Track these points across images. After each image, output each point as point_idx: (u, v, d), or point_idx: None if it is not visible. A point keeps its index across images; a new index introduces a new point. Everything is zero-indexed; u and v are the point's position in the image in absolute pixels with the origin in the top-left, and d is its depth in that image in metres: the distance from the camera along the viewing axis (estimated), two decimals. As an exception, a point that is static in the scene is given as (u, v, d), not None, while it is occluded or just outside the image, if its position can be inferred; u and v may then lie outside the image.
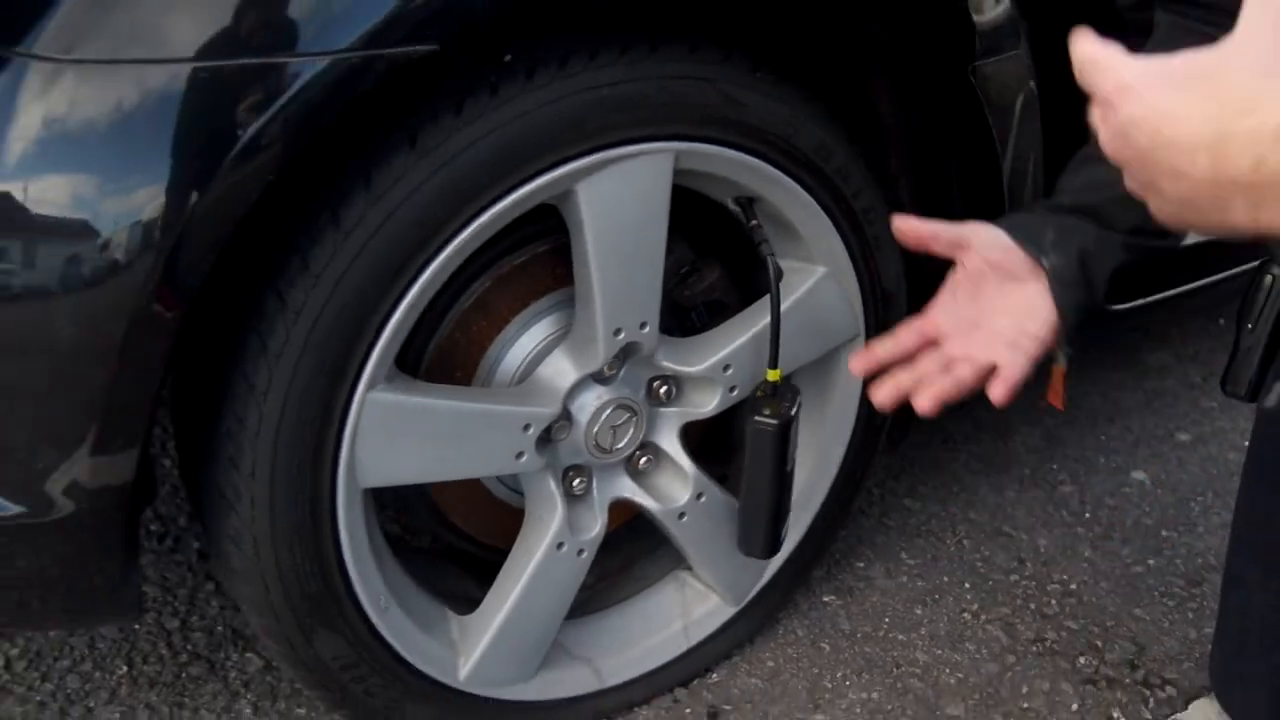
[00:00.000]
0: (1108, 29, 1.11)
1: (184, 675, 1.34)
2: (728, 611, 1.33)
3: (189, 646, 1.38)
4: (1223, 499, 1.65)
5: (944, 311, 1.04)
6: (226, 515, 0.98)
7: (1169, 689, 1.33)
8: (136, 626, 1.41)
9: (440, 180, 0.93)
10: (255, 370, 0.93)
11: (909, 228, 1.04)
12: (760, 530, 1.19)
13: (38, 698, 1.31)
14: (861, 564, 1.51)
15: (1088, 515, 1.62)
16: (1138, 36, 1.10)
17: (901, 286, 1.29)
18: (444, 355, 1.10)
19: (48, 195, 0.81)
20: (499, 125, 0.94)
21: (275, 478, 0.96)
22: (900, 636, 1.40)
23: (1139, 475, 1.71)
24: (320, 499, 0.99)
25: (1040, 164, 1.32)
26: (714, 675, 1.34)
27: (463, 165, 0.93)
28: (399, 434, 1.00)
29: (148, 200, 0.81)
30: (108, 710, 1.30)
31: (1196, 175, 0.57)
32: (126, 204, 0.81)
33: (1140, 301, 1.55)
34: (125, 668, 1.35)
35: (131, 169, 0.81)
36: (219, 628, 1.41)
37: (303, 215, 0.91)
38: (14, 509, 0.88)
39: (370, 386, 0.96)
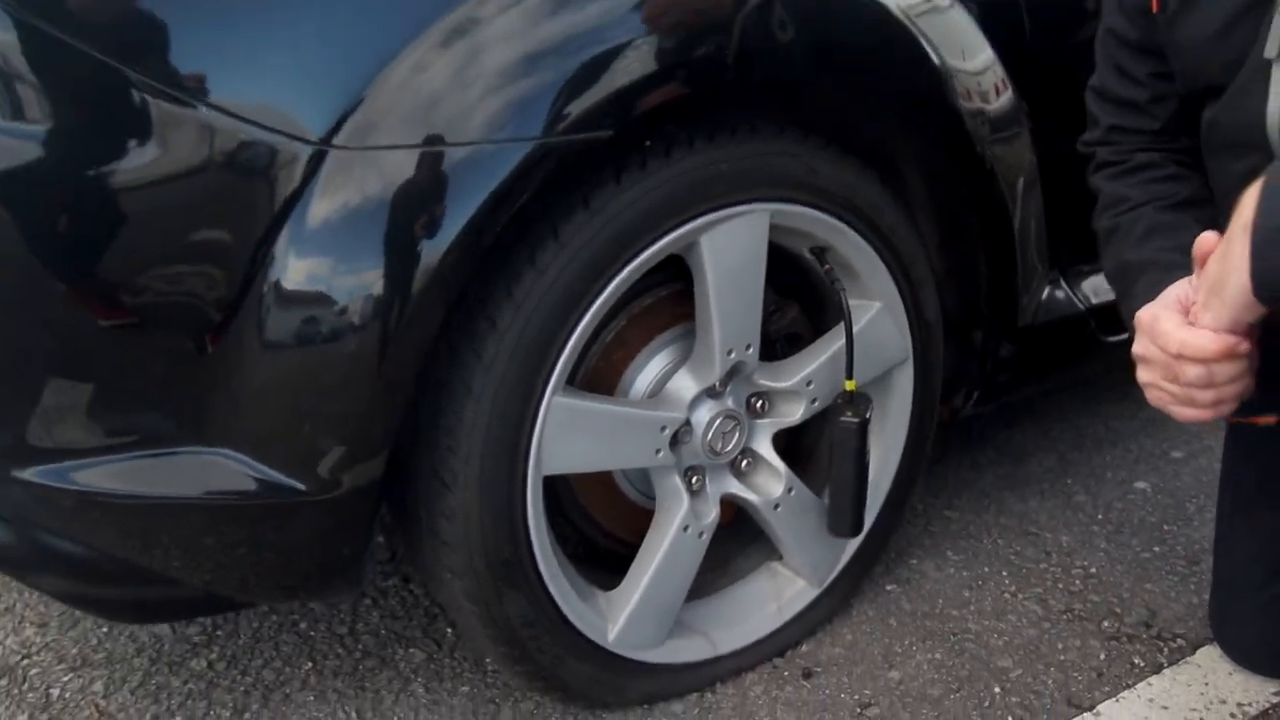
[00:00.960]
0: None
1: (360, 667, 1.61)
2: (812, 593, 1.60)
3: (360, 646, 1.65)
4: (1214, 500, 1.91)
5: None
6: (443, 495, 1.27)
7: (1179, 640, 1.60)
8: (312, 634, 1.68)
9: (606, 233, 1.24)
10: (472, 377, 1.23)
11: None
12: (847, 513, 1.48)
13: (242, 688, 1.58)
14: (914, 561, 1.80)
15: (1100, 517, 1.91)
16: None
17: (939, 319, 1.60)
18: (593, 377, 1.40)
19: (340, 262, 1.12)
20: (647, 191, 1.25)
21: (484, 464, 1.25)
22: (954, 612, 1.68)
23: (1141, 485, 2.00)
24: (515, 482, 1.28)
25: (1043, 223, 1.64)
26: (804, 646, 1.61)
27: (622, 222, 1.25)
28: (574, 431, 1.30)
29: (410, 259, 1.12)
30: (302, 694, 1.56)
31: None
32: (388, 266, 1.12)
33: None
34: (310, 664, 1.62)
35: (399, 235, 1.12)
36: (382, 631, 1.68)
37: (506, 257, 1.22)
38: (300, 487, 1.17)
39: (555, 392, 1.26)
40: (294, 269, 1.10)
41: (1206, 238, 1.11)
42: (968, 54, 1.48)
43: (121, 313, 1.11)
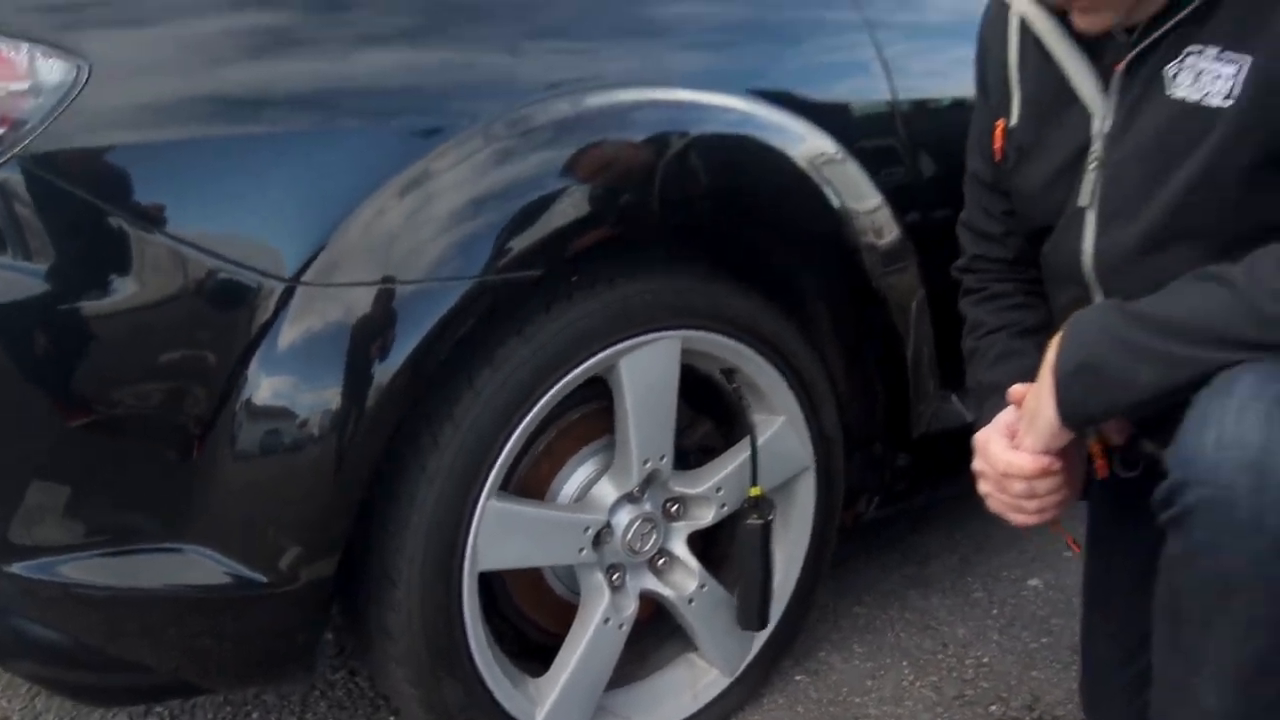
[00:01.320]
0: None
1: (308, 754, 1.74)
2: (724, 682, 1.76)
3: (308, 734, 1.78)
4: (1097, 597, 2.12)
5: None
6: (389, 591, 1.42)
7: (1057, 722, 1.78)
8: (264, 723, 1.81)
9: (537, 359, 1.42)
10: (416, 486, 1.39)
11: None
12: (753, 607, 1.64)
13: (197, 774, 1.70)
14: (822, 653, 1.96)
15: (995, 612, 2.09)
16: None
17: (839, 432, 1.79)
18: (525, 483, 1.57)
19: (303, 383, 1.29)
20: (573, 321, 1.44)
21: (425, 562, 1.41)
22: (857, 700, 1.84)
23: (1034, 582, 2.19)
24: (453, 578, 1.43)
25: (933, 346, 1.84)
26: (718, 732, 1.76)
27: (552, 348, 1.43)
28: (507, 532, 1.46)
29: (364, 382, 1.30)
30: (254, 779, 1.69)
31: None
32: (345, 388, 1.29)
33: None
34: (261, 751, 1.75)
35: (355, 360, 1.30)
36: (330, 720, 1.81)
37: (449, 379, 1.39)
38: (263, 579, 1.32)
39: (489, 497, 1.43)
40: (264, 388, 1.28)
41: (1016, 389, 1.32)
42: (862, 197, 1.69)
43: (117, 425, 1.27)
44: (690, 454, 1.73)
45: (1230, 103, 1.14)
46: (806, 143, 1.62)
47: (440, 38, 1.42)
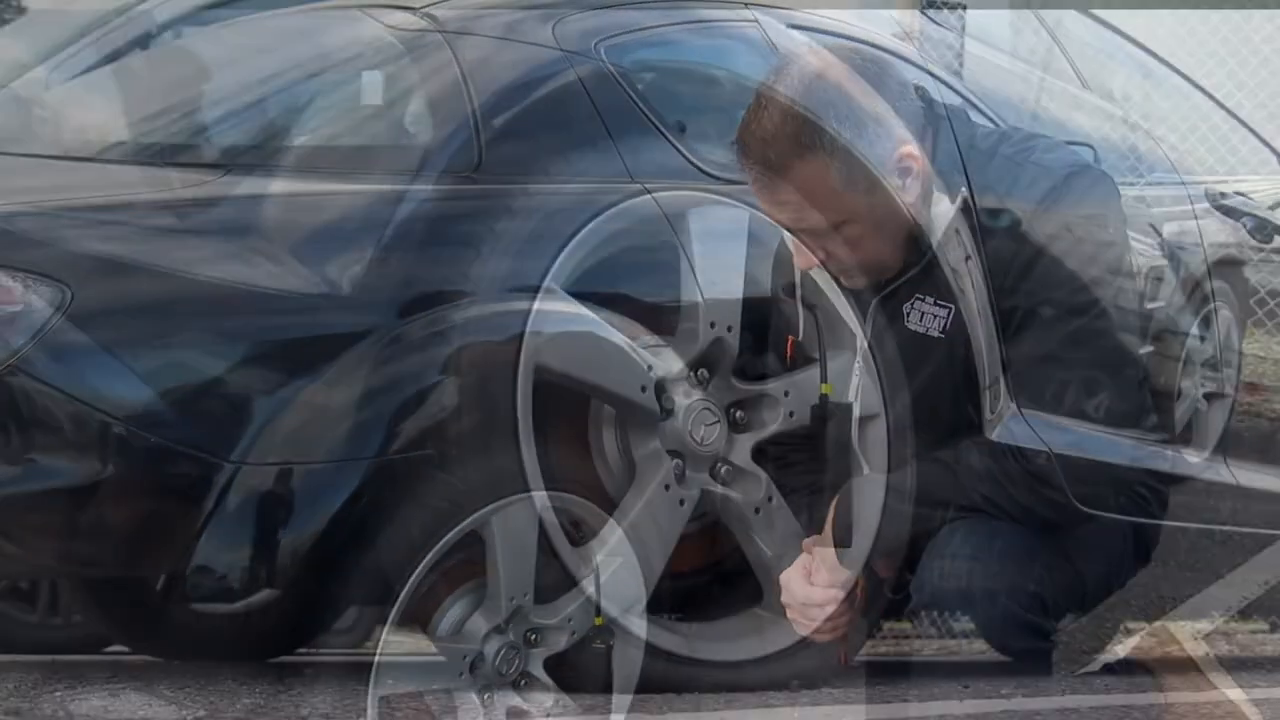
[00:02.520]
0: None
1: None
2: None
3: None
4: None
5: None
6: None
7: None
8: None
9: (426, 518, 1.77)
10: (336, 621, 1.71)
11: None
12: None
13: None
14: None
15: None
16: None
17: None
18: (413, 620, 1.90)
19: (245, 538, 1.60)
20: (457, 489, 1.79)
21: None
22: None
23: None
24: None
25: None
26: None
27: (437, 510, 1.78)
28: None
29: (291, 538, 1.62)
30: None
31: None
32: (280, 542, 1.62)
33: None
34: None
35: (273, 535, 1.62)
36: None
37: (358, 536, 1.72)
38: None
39: (390, 633, 1.75)
40: (214, 543, 1.59)
41: (807, 540, 1.75)
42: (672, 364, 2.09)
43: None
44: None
45: (943, 336, 1.61)
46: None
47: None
